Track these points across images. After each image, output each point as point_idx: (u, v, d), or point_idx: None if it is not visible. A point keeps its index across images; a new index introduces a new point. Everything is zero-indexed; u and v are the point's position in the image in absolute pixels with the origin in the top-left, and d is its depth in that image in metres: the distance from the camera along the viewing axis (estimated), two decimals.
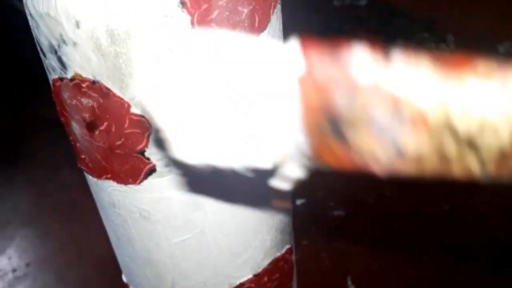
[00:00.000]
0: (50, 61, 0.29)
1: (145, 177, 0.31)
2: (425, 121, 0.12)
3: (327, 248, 0.72)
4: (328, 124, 0.14)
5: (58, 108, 0.32)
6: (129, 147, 0.29)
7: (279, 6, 0.31)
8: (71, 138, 0.32)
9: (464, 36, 1.13)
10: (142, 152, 0.30)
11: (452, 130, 0.12)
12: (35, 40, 0.30)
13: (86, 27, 0.26)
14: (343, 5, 1.27)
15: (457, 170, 0.13)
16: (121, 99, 0.28)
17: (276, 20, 0.31)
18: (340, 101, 0.13)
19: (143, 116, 0.28)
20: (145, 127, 0.29)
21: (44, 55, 0.29)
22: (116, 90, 0.27)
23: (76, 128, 0.31)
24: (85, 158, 0.32)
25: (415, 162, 0.13)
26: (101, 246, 0.73)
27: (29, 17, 0.29)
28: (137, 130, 0.29)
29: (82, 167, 0.34)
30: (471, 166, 0.13)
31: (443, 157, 0.13)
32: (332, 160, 0.14)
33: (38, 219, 0.86)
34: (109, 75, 0.27)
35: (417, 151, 0.13)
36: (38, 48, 0.30)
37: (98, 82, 0.27)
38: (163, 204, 0.32)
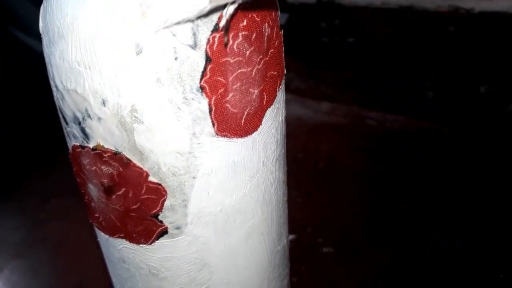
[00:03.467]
0: (72, 130, 0.31)
1: (157, 238, 0.33)
2: None
3: (316, 285, 0.73)
4: None
5: (74, 169, 0.34)
6: (144, 211, 0.31)
7: (283, 82, 0.34)
8: (86, 197, 0.34)
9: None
10: (156, 216, 0.32)
11: None
12: (58, 109, 0.32)
13: (112, 105, 0.28)
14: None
15: None
16: (141, 168, 0.30)
17: (280, 94, 0.34)
18: None
19: (160, 184, 0.30)
20: (161, 194, 0.31)
21: (67, 124, 0.31)
22: (136, 161, 0.29)
23: (93, 191, 0.32)
24: (99, 217, 0.34)
25: None
26: (94, 280, 0.73)
27: (53, 88, 0.31)
28: (153, 196, 0.31)
29: (95, 224, 0.35)
30: None
31: None
32: None
33: (29, 251, 0.85)
34: (131, 148, 0.29)
35: None
36: (60, 116, 0.32)
37: (119, 153, 0.29)
38: (171, 262, 0.34)
